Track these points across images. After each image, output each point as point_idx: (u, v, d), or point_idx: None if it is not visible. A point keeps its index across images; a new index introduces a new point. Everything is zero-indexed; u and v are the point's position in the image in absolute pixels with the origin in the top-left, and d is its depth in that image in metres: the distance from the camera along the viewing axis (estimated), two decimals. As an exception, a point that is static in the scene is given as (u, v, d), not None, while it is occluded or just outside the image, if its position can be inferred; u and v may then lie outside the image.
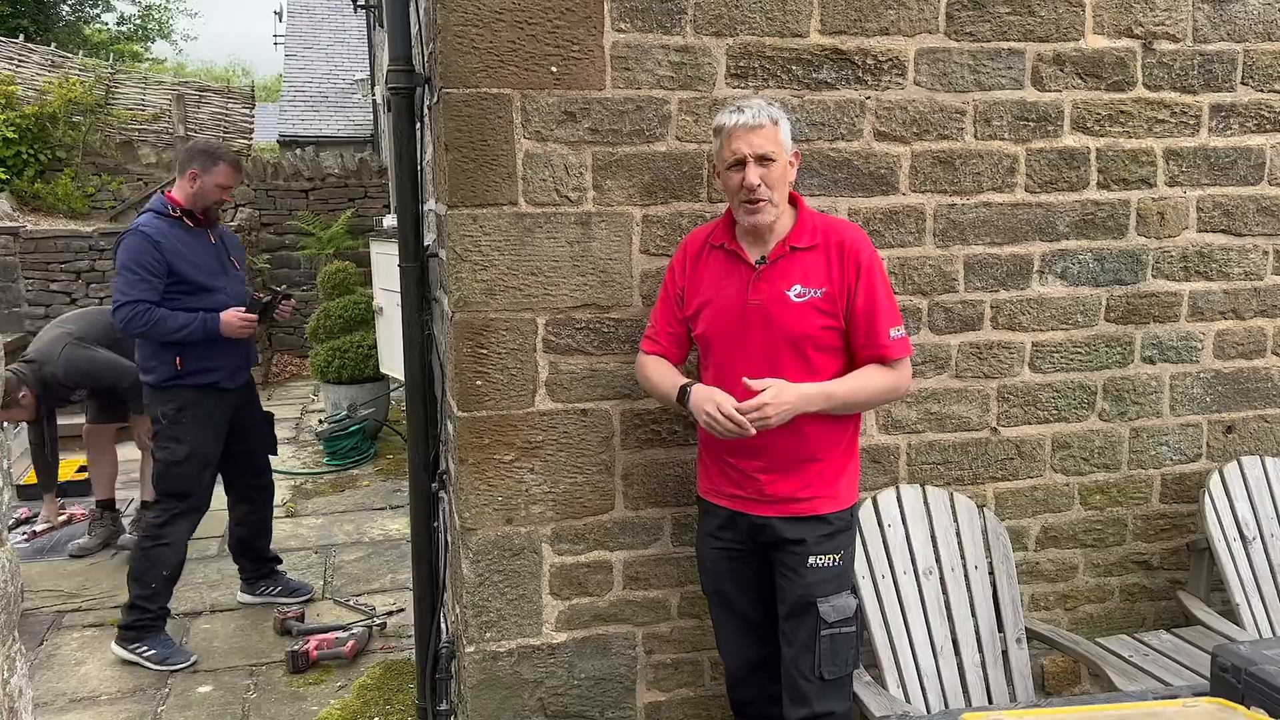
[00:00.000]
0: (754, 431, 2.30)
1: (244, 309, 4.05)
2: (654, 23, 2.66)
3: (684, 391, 2.44)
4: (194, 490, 4.09)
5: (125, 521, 5.49)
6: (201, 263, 4.06)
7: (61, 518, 5.53)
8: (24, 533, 5.37)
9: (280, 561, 4.72)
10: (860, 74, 2.83)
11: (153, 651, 3.99)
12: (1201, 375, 3.28)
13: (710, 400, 2.34)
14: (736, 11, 2.71)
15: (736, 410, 2.30)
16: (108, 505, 5.31)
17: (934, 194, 2.94)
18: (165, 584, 4.07)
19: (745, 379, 2.34)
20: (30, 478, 6.17)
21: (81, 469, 6.35)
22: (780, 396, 2.30)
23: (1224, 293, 3.26)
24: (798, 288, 2.40)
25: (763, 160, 2.35)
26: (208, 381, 4.04)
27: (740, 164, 2.36)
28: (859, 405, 2.47)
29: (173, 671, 3.94)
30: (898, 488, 2.93)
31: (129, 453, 5.63)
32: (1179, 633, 3.14)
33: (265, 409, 4.58)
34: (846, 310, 2.40)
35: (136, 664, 3.98)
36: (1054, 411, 3.16)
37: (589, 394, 2.77)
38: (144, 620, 4.02)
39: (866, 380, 2.41)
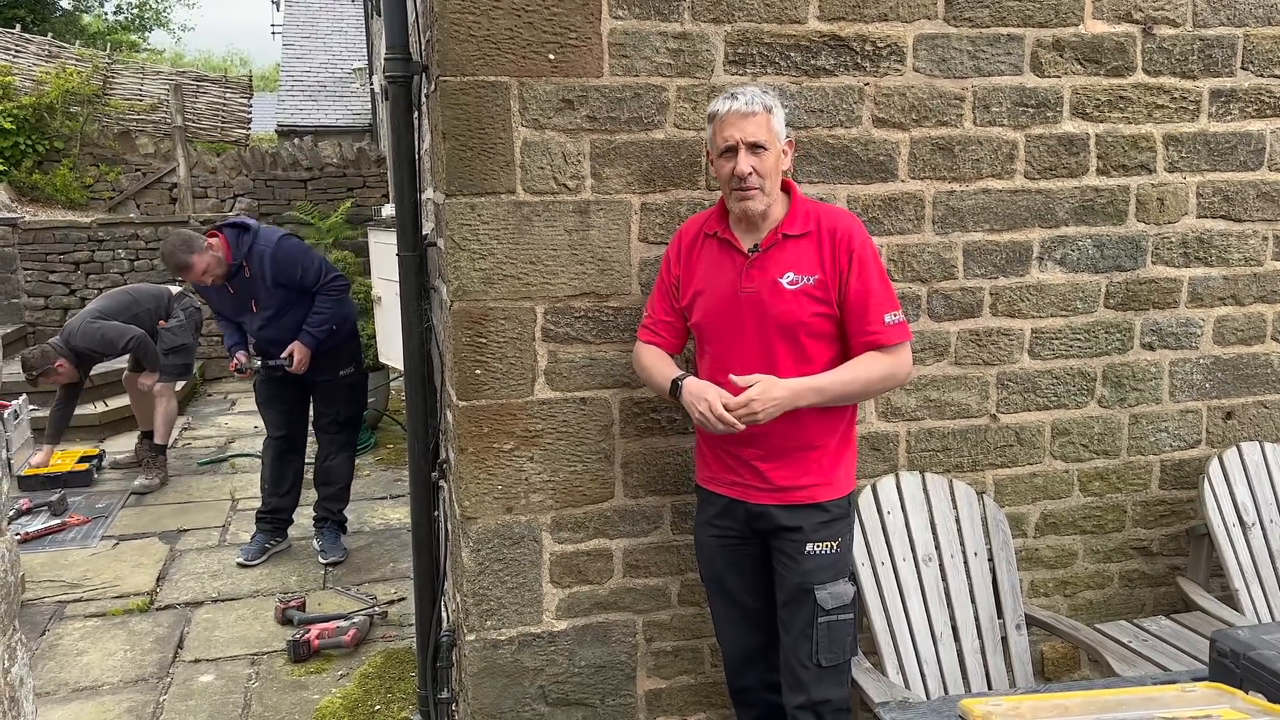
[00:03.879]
0: (742, 427, 2.30)
1: (246, 356, 4.92)
2: (652, 9, 2.65)
3: (676, 386, 2.43)
4: (265, 424, 5.08)
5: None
6: (226, 306, 4.91)
7: (56, 521, 5.51)
8: (15, 533, 5.35)
9: (337, 519, 5.16)
10: (859, 60, 2.81)
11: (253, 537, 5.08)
12: (1201, 361, 3.28)
13: (702, 398, 2.33)
14: (734, -2, 2.70)
15: (725, 408, 2.29)
16: (151, 440, 6.37)
17: (933, 181, 2.93)
18: (266, 494, 5.02)
19: (732, 375, 2.33)
20: (30, 470, 6.19)
21: (83, 459, 6.39)
22: (768, 393, 2.29)
23: (1224, 278, 3.25)
24: (790, 275, 2.38)
25: (754, 148, 2.31)
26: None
27: (732, 151, 2.32)
28: (855, 396, 2.45)
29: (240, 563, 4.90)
30: (897, 475, 2.93)
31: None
32: (1178, 618, 3.15)
33: (350, 372, 4.99)
34: (840, 297, 2.38)
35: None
36: (1053, 398, 3.16)
37: (588, 382, 2.77)
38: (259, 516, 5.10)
39: (860, 370, 2.38)
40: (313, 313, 4.70)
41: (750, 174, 2.31)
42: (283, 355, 4.69)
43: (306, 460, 5.13)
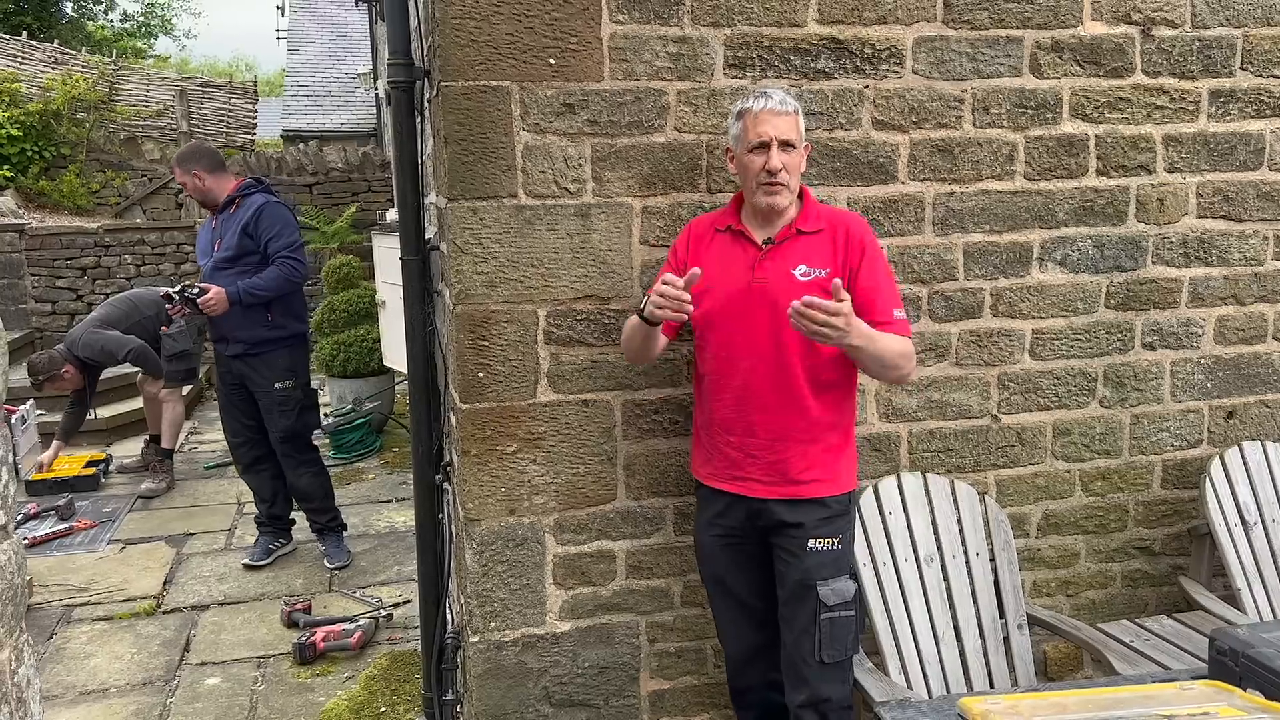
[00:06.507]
0: (690, 309, 2.31)
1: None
2: (651, 14, 2.67)
3: (641, 311, 2.43)
4: (224, 431, 5.08)
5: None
6: (201, 244, 4.92)
7: (63, 525, 5.55)
8: (24, 537, 5.36)
9: (330, 527, 5.09)
10: (858, 63, 2.83)
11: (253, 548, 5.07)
12: (1202, 361, 3.29)
13: (654, 290, 2.34)
14: (734, 1, 2.71)
15: (818, 308, 2.20)
16: (158, 444, 6.46)
17: (933, 182, 2.95)
18: (257, 503, 5.07)
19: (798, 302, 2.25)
20: (37, 475, 6.23)
21: (90, 463, 6.42)
22: (853, 318, 2.25)
23: (1224, 278, 3.26)
24: (803, 267, 2.44)
25: (785, 145, 2.40)
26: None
27: (764, 146, 2.40)
28: (884, 361, 2.38)
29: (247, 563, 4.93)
30: (899, 475, 2.94)
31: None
32: (1180, 618, 3.15)
33: (287, 386, 4.77)
34: (850, 291, 2.37)
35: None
36: (1055, 398, 3.17)
37: (590, 385, 2.79)
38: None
39: (892, 340, 2.38)
40: (256, 275, 4.63)
41: (781, 169, 2.39)
42: (201, 286, 4.63)
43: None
